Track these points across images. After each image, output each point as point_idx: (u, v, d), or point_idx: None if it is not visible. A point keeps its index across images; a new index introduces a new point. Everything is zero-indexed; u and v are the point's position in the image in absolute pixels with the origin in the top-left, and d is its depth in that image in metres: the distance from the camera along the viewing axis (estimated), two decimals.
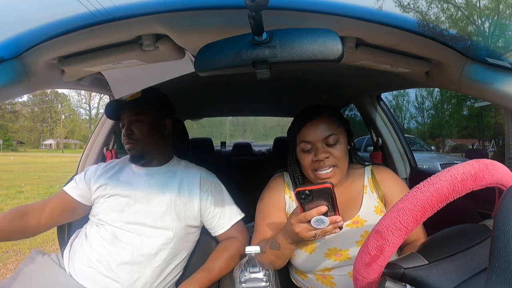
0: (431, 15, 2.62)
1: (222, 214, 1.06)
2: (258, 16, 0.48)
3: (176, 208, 1.02)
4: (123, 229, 0.99)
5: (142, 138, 1.07)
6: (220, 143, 4.94)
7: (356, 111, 1.79)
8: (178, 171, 1.11)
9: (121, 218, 1.00)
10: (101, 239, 0.99)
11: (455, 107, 22.32)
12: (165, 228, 1.00)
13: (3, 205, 5.50)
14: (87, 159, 1.45)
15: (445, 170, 0.44)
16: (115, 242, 0.98)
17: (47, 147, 51.06)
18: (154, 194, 1.03)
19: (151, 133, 1.08)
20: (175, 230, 1.01)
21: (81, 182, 1.11)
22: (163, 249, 1.00)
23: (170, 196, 1.03)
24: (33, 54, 0.74)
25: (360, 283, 0.46)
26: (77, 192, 1.10)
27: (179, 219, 1.02)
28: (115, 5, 0.63)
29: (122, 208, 1.01)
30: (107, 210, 1.02)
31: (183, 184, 1.07)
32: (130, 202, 1.02)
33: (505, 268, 0.35)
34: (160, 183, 1.06)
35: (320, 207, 0.71)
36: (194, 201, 1.05)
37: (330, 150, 0.89)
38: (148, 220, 1.00)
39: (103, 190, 1.06)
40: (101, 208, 1.04)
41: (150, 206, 1.02)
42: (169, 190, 1.04)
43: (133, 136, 1.06)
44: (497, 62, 0.75)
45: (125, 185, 1.05)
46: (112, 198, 1.04)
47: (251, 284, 0.72)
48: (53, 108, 54.12)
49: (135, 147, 1.06)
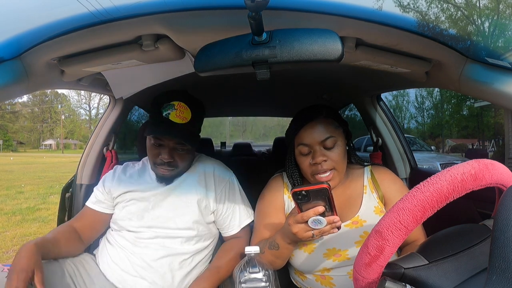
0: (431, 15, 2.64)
1: (233, 216, 1.06)
2: (258, 16, 0.48)
3: (194, 208, 1.02)
4: (145, 232, 1.00)
5: (181, 165, 1.03)
6: (220, 143, 4.94)
7: (356, 111, 1.79)
8: (195, 172, 1.09)
9: (141, 224, 1.00)
10: (124, 242, 1.00)
11: (455, 107, 22.33)
12: (187, 228, 1.01)
13: (3, 205, 5.50)
14: (87, 159, 1.45)
15: (445, 170, 0.44)
16: (137, 243, 0.99)
17: (47, 148, 51.06)
18: (172, 198, 1.03)
19: (190, 157, 1.06)
20: (197, 228, 1.02)
21: (102, 194, 1.08)
22: (187, 246, 1.00)
23: (187, 198, 1.03)
24: (33, 54, 0.74)
25: (360, 283, 0.46)
26: (102, 206, 1.08)
27: (199, 218, 1.02)
28: (115, 5, 0.63)
29: (141, 214, 1.01)
30: (126, 217, 1.02)
31: (200, 185, 1.05)
32: (148, 207, 1.02)
33: (505, 268, 0.35)
34: (178, 187, 1.05)
35: (317, 208, 0.71)
36: (209, 201, 1.04)
37: (328, 154, 0.88)
38: (169, 223, 1.00)
39: (124, 196, 1.05)
40: (120, 214, 1.03)
41: (168, 210, 1.01)
42: (186, 192, 1.03)
43: (173, 164, 1.01)
44: (497, 62, 0.75)
45: (143, 191, 1.04)
46: (131, 203, 1.03)
47: (250, 284, 0.72)
48: (53, 108, 54.14)
49: (172, 172, 1.02)
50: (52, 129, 53.63)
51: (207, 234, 1.05)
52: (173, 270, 0.98)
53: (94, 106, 52.42)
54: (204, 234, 1.04)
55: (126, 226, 1.01)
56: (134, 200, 1.03)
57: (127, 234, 1.01)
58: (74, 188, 1.43)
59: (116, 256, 0.99)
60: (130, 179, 1.08)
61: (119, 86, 1.18)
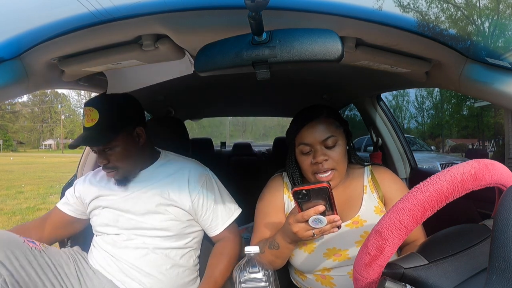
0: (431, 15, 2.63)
1: (214, 217, 1.03)
2: (258, 16, 0.48)
3: (167, 208, 1.00)
4: (123, 235, 1.00)
5: (120, 164, 0.99)
6: (220, 143, 4.94)
7: (356, 111, 1.79)
8: (166, 170, 1.05)
9: (118, 227, 1.01)
10: (106, 246, 1.01)
11: (455, 107, 22.33)
12: (163, 228, 0.99)
13: (3, 205, 5.50)
14: (87, 158, 1.45)
15: (445, 170, 0.44)
16: (117, 245, 1.00)
17: (47, 148, 51.07)
18: (143, 201, 1.00)
19: (128, 155, 1.00)
20: (175, 227, 1.00)
21: (72, 197, 1.10)
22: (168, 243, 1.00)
23: (160, 199, 1.00)
24: (33, 54, 0.74)
25: (360, 283, 0.46)
26: (70, 208, 1.10)
27: (174, 217, 1.00)
28: (115, 5, 0.63)
29: (116, 218, 1.01)
30: (103, 222, 1.03)
31: (173, 184, 1.02)
32: (121, 210, 1.01)
33: (505, 268, 0.35)
34: (147, 188, 1.01)
35: (317, 207, 0.71)
36: (184, 201, 1.01)
37: (329, 153, 0.89)
38: (145, 224, 1.00)
39: (96, 202, 1.05)
40: (97, 221, 1.04)
41: (140, 212, 1.00)
42: (157, 193, 1.00)
43: (110, 165, 0.98)
44: (497, 62, 0.75)
45: (114, 196, 1.03)
46: (105, 210, 1.03)
47: (250, 284, 0.72)
48: (53, 108, 54.13)
49: (116, 174, 1.00)
50: (52, 129, 53.62)
51: (187, 231, 1.03)
52: (158, 266, 0.98)
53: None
54: (184, 233, 1.02)
55: (105, 231, 1.02)
56: (107, 206, 1.02)
57: (107, 238, 1.02)
58: None
59: (102, 260, 1.01)
60: (100, 183, 1.07)
61: (118, 86, 1.18)
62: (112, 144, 0.97)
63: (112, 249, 1.00)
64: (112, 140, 0.96)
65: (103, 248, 1.02)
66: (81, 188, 1.09)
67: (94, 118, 0.95)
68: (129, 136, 1.00)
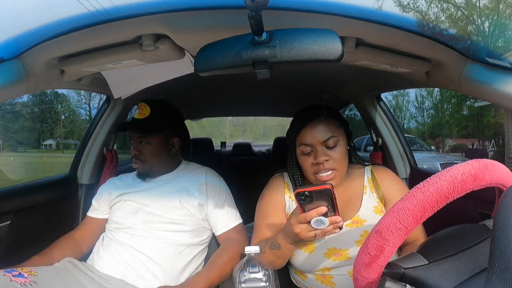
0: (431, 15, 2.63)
1: (218, 216, 1.09)
2: (258, 16, 0.48)
3: (184, 204, 1.06)
4: (141, 228, 1.03)
5: (149, 159, 1.10)
6: (220, 143, 4.94)
7: (356, 111, 1.78)
8: (184, 176, 1.14)
9: (136, 220, 1.04)
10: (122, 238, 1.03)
11: (455, 107, 22.31)
12: (179, 222, 1.04)
13: None
14: (87, 159, 1.45)
15: (445, 170, 0.44)
16: (135, 238, 1.02)
17: (47, 148, 51.05)
18: (163, 195, 1.08)
19: (159, 154, 1.12)
20: (190, 222, 1.05)
21: (97, 202, 1.16)
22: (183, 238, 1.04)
23: (177, 202, 1.06)
24: (33, 54, 0.74)
25: (360, 283, 0.46)
26: (98, 212, 1.16)
27: (190, 213, 1.06)
28: (115, 5, 0.63)
29: (136, 211, 1.06)
30: (122, 213, 1.07)
31: (190, 190, 1.09)
32: (141, 204, 1.07)
33: (505, 268, 0.35)
34: (167, 191, 1.09)
35: (320, 208, 0.71)
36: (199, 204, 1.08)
37: (330, 153, 0.89)
38: (162, 218, 1.04)
39: (119, 198, 1.11)
40: (115, 213, 1.09)
41: (159, 206, 1.06)
42: (176, 196, 1.07)
43: (140, 157, 1.10)
44: (497, 62, 0.75)
45: (135, 195, 1.10)
46: (126, 203, 1.09)
47: (250, 284, 0.72)
48: (53, 108, 54.12)
49: (141, 166, 1.11)
50: (52, 129, 53.61)
51: (201, 228, 1.08)
52: (172, 260, 1.01)
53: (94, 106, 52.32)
54: (198, 229, 1.07)
55: (123, 223, 1.06)
56: (128, 199, 1.09)
57: (124, 231, 1.04)
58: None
59: (116, 254, 1.01)
60: (125, 183, 1.16)
61: (118, 86, 1.18)
62: (149, 139, 1.09)
63: (128, 241, 1.02)
64: (151, 135, 1.09)
65: (118, 240, 1.03)
66: (105, 190, 1.15)
67: (145, 113, 1.09)
68: (165, 140, 1.13)
